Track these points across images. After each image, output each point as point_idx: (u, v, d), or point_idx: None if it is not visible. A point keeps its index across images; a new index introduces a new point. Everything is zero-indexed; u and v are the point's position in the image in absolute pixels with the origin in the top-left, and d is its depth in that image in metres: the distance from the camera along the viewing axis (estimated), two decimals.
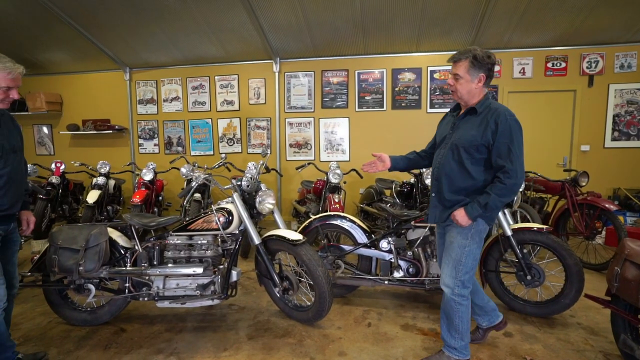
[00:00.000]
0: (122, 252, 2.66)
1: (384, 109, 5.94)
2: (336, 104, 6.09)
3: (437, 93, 5.79)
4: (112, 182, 5.47)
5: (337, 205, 4.02)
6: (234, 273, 2.64)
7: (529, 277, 2.73)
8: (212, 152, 6.55)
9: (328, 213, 3.26)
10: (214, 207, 2.60)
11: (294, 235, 2.53)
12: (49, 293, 2.70)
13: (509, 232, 2.73)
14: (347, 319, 2.84)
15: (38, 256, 2.69)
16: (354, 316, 2.88)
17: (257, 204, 2.61)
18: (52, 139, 7.29)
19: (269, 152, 3.07)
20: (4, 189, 1.95)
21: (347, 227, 3.13)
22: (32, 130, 7.35)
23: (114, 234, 2.69)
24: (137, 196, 4.63)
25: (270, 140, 6.32)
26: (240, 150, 6.45)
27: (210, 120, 6.51)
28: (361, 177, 4.88)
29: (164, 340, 2.53)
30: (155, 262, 2.65)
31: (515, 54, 5.54)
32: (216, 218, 2.54)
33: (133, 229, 2.64)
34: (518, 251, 2.73)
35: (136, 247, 2.62)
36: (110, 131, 6.67)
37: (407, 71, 5.78)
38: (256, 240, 2.57)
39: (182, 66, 6.51)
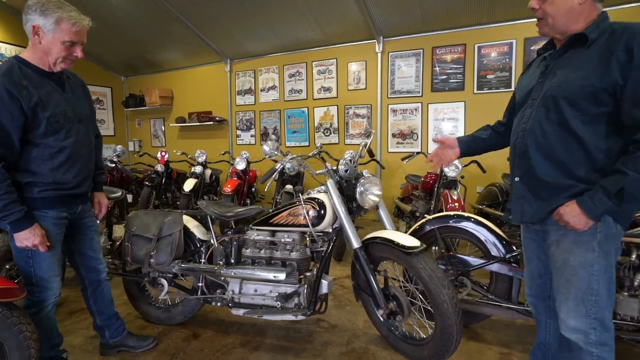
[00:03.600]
0: (198, 245, 2.27)
1: (512, 89, 4.75)
2: (449, 86, 5.12)
3: None
4: (208, 172, 5.43)
5: (457, 204, 3.16)
6: (324, 283, 2.04)
7: None
8: (307, 143, 6.15)
9: (447, 213, 2.46)
10: (302, 197, 2.03)
11: (409, 241, 1.81)
12: (128, 283, 2.46)
13: None
14: None
15: (119, 242, 2.48)
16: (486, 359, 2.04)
17: (357, 195, 1.96)
18: (164, 131, 7.76)
19: (372, 132, 2.39)
20: (68, 163, 1.65)
21: (475, 233, 2.29)
22: (149, 124, 7.95)
23: (191, 224, 2.32)
24: (229, 186, 4.40)
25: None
26: (337, 141, 5.92)
27: (306, 109, 6.12)
28: (483, 170, 3.89)
29: (236, 359, 2.05)
30: (232, 260, 2.19)
31: None
32: (304, 211, 1.97)
33: (209, 219, 2.23)
34: None
35: (212, 241, 2.20)
36: (211, 122, 6.77)
37: (546, 39, 4.50)
38: (355, 243, 1.92)
39: (279, 54, 6.24)
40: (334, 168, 2.09)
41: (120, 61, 7.53)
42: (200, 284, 2.21)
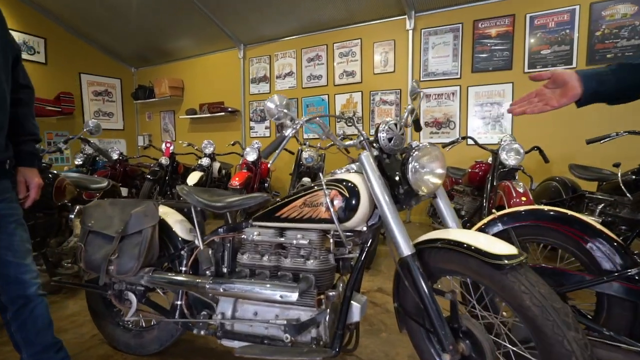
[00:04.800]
0: (179, 247, 1.64)
1: (574, 65, 3.99)
2: (494, 66, 4.38)
3: None
4: (217, 165, 4.86)
5: (524, 199, 2.44)
6: (355, 307, 1.37)
7: None
8: None
9: (525, 207, 1.76)
10: (323, 180, 1.37)
11: (497, 246, 1.11)
12: (91, 297, 1.86)
13: None
14: None
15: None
16: None
17: (409, 174, 1.29)
18: (174, 124, 7.28)
19: (422, 92, 1.70)
20: None
21: (576, 237, 1.58)
22: (159, 117, 7.48)
23: (171, 218, 1.70)
24: (237, 178, 3.80)
25: (400, 118, 4.95)
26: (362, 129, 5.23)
27: (326, 96, 5.48)
28: (546, 160, 3.14)
29: None
30: (224, 269, 1.56)
31: None
32: (327, 199, 1.31)
33: (193, 212, 1.60)
34: None
35: (196, 242, 1.57)
36: (223, 113, 6.23)
37: (621, 2, 3.72)
38: (405, 247, 1.24)
39: (296, 36, 5.64)
40: (371, 139, 1.43)
41: (130, 51, 7.11)
42: (179, 302, 1.58)
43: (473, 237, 1.19)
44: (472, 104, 4.52)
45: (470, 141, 4.31)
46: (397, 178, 1.34)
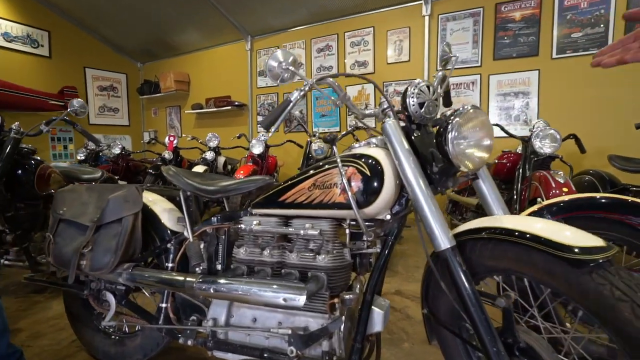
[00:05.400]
0: (168, 239, 1.39)
1: None
2: (518, 52, 4.06)
3: None
4: (222, 159, 4.62)
5: (565, 189, 2.14)
6: (377, 313, 1.11)
7: None
8: (337, 128, 5.24)
9: (574, 196, 1.48)
10: (338, 155, 1.11)
11: (570, 235, 0.83)
12: (68, 297, 1.62)
13: None
14: None
15: None
16: None
17: (449, 146, 1.01)
18: (180, 120, 7.09)
19: (455, 57, 1.40)
20: None
21: None
22: (165, 113, 7.31)
23: (159, 206, 1.45)
24: (242, 172, 3.55)
25: None
26: (373, 125, 4.96)
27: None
28: (582, 150, 2.83)
29: None
30: (218, 266, 1.30)
31: None
32: (343, 179, 1.04)
33: (182, 197, 1.34)
34: None
35: (185, 233, 1.31)
36: (230, 107, 6.00)
37: None
38: (443, 239, 0.96)
39: (306, 26, 5.39)
40: (396, 108, 1.16)
41: (135, 45, 6.94)
42: (164, 305, 1.32)
43: (533, 224, 0.91)
44: (493, 93, 4.21)
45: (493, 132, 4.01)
46: (430, 153, 1.06)
